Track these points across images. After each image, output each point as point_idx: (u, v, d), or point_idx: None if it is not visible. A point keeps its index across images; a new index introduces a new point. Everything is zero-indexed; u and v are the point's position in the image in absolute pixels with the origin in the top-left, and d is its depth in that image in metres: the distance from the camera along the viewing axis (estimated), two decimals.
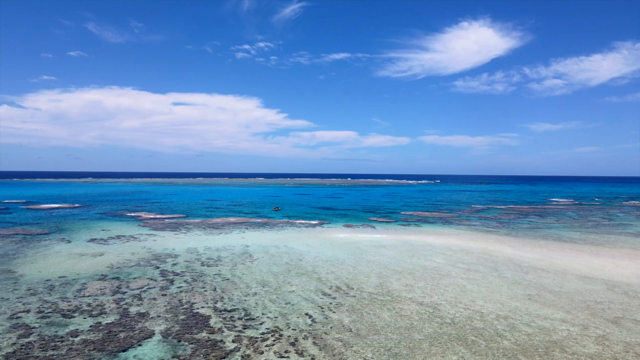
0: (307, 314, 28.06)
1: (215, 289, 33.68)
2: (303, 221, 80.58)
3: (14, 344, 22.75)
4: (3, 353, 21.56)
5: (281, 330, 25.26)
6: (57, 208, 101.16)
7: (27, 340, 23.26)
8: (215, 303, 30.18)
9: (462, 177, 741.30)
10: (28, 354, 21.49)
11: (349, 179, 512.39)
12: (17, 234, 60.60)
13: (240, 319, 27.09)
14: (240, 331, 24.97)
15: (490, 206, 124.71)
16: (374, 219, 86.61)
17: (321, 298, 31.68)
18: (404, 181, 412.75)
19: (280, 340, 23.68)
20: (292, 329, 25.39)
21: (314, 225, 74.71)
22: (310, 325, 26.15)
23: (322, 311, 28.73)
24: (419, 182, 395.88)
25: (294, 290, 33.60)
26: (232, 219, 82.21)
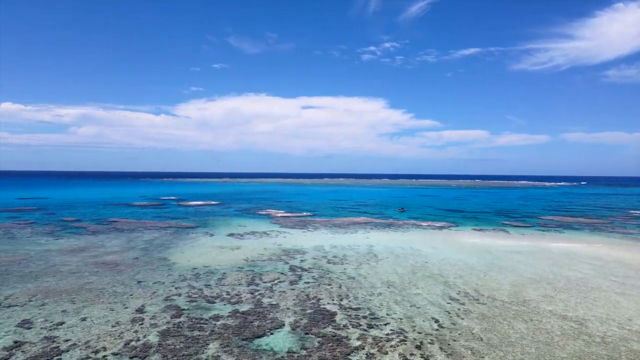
0: (433, 318, 27.14)
1: (340, 287, 34.39)
2: (429, 223, 78.33)
3: (168, 322, 25.88)
4: (160, 330, 24.65)
5: (406, 332, 24.79)
6: (202, 205, 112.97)
7: (178, 320, 26.29)
8: (341, 300, 30.79)
9: (615, 179, 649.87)
10: (179, 332, 24.27)
11: (477, 180, 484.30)
12: (170, 227, 69.04)
13: (364, 317, 27.25)
14: (364, 330, 25.10)
15: None
16: (507, 222, 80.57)
17: (448, 303, 30.39)
18: (541, 183, 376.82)
19: (405, 343, 23.25)
20: (418, 332, 24.76)
21: (440, 228, 72.16)
22: (437, 330, 25.23)
23: (450, 316, 27.53)
24: (559, 184, 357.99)
25: (419, 293, 32.78)
26: (357, 219, 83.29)
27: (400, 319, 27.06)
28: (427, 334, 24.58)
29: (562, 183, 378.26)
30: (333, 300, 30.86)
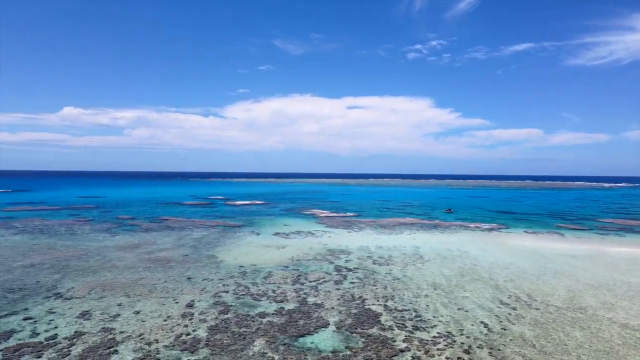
0: (482, 322, 26.31)
1: (386, 287, 34.03)
2: (478, 224, 76.09)
3: (216, 318, 26.56)
4: (208, 325, 25.34)
5: (454, 335, 24.17)
6: (248, 205, 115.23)
7: (225, 316, 26.92)
8: (386, 301, 30.46)
9: None
10: (227, 328, 24.85)
11: (528, 180, 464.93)
12: (218, 226, 70.88)
13: (410, 319, 26.82)
14: (410, 332, 24.70)
15: None
16: (562, 225, 76.87)
17: (498, 307, 29.37)
18: (599, 184, 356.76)
19: (453, 346, 22.67)
20: (466, 336, 24.08)
21: (489, 230, 69.91)
22: (486, 334, 24.43)
23: (500, 321, 26.59)
24: (618, 185, 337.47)
25: (467, 296, 31.88)
26: (403, 220, 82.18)
27: (448, 322, 26.43)
28: (476, 338, 23.86)
29: (623, 184, 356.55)
30: (378, 300, 30.59)
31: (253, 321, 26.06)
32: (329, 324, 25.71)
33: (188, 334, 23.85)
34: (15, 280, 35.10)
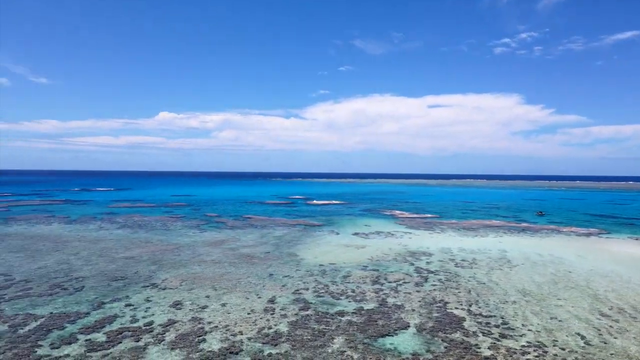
0: (578, 334, 24.22)
1: (469, 292, 32.60)
2: (573, 229, 70.32)
3: (296, 314, 27.12)
4: (289, 320, 25.95)
5: (545, 346, 22.50)
6: (328, 204, 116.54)
7: (305, 313, 27.39)
8: (470, 306, 29.17)
9: None
10: (307, 324, 25.26)
11: (630, 182, 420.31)
12: (299, 225, 72.46)
13: (497, 326, 25.41)
14: (496, 339, 23.39)
15: None
16: None
17: (598, 319, 26.87)
18: None
19: (545, 358, 21.10)
20: (560, 348, 22.30)
21: (587, 235, 64.29)
22: (583, 347, 22.44)
23: (599, 334, 24.30)
24: None
25: (561, 305, 29.54)
26: (488, 222, 78.30)
27: (539, 331, 24.67)
28: (572, 350, 22.02)
29: None
30: (461, 305, 29.37)
31: (332, 319, 26.24)
32: (409, 326, 25.16)
33: (270, 328, 24.59)
34: (117, 270, 38.54)
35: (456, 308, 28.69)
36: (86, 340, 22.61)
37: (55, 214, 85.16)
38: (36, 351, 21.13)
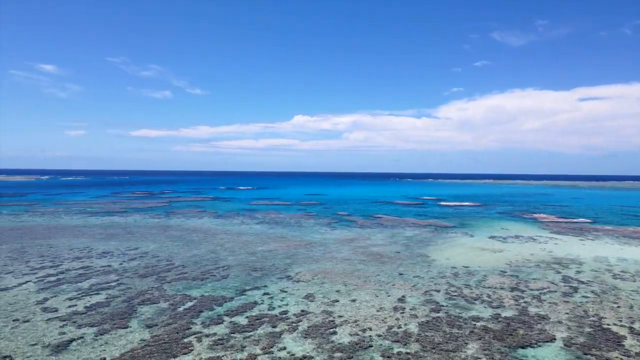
0: None
1: (632, 307, 28.24)
2: None
3: (427, 315, 26.33)
4: (419, 321, 25.31)
5: None
6: (462, 206, 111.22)
7: (437, 315, 26.45)
8: (632, 323, 25.25)
9: None
10: (438, 326, 24.36)
11: None
12: (430, 225, 70.41)
13: None
14: None
15: None
16: None
17: None
18: None
19: None
20: None
21: None
22: None
23: None
24: None
25: None
26: None
27: None
28: None
29: None
30: (621, 321, 25.59)
31: (466, 323, 24.89)
32: (554, 339, 22.69)
33: (399, 327, 24.25)
34: (257, 261, 41.67)
35: (614, 324, 25.08)
36: (230, 322, 24.84)
37: (206, 209, 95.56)
38: (190, 328, 23.85)
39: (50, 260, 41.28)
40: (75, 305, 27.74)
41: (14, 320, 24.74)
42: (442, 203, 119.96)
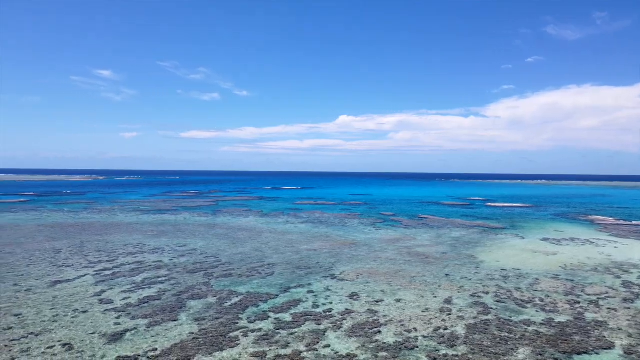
0: None
1: None
2: None
3: (475, 318, 25.56)
4: (466, 323, 24.61)
5: None
6: (512, 207, 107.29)
7: (485, 317, 25.62)
8: None
9: None
10: (486, 329, 23.59)
11: None
12: (478, 226, 68.38)
13: None
14: None
15: None
16: None
17: None
18: None
19: None
20: None
21: None
22: None
23: None
24: None
25: None
26: None
27: None
28: None
29: None
30: None
31: (516, 327, 23.96)
32: (614, 346, 21.42)
33: (446, 329, 23.69)
34: (301, 259, 41.99)
35: None
36: (275, 318, 25.16)
37: (252, 208, 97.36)
38: (237, 323, 24.35)
39: (107, 255, 43.43)
40: (129, 297, 29.01)
41: (73, 310, 26.20)
42: (490, 204, 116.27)
